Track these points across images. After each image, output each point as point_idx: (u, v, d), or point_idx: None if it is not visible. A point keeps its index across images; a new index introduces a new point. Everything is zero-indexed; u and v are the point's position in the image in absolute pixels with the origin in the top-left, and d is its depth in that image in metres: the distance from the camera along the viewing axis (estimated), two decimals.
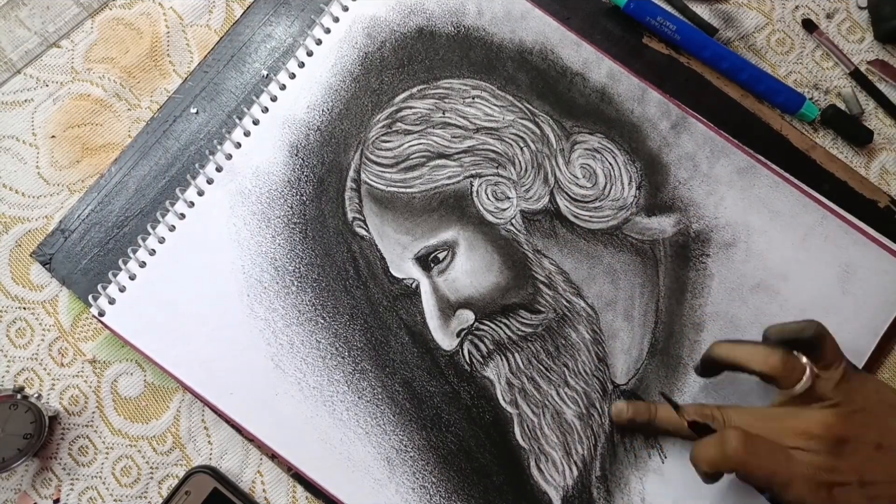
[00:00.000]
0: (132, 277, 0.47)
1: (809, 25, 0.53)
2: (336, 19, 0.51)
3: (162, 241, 0.48)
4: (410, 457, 0.46)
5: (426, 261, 0.48)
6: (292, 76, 0.50)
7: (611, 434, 0.47)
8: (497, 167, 0.49)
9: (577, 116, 0.50)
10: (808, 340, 0.42)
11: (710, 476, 0.41)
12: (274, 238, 0.48)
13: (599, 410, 0.47)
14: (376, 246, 0.48)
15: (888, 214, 0.50)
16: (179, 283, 0.47)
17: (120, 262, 0.48)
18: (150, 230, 0.48)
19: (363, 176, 0.49)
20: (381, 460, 0.46)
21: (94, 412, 0.47)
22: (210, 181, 0.48)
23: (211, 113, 0.50)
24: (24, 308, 0.48)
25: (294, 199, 0.49)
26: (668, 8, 0.53)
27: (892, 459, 0.41)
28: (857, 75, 0.52)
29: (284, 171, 0.49)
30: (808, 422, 0.41)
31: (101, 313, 0.47)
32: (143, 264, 0.47)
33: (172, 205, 0.48)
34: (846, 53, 0.53)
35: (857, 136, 0.51)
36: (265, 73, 0.51)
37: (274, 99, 0.49)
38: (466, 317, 0.48)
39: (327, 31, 0.50)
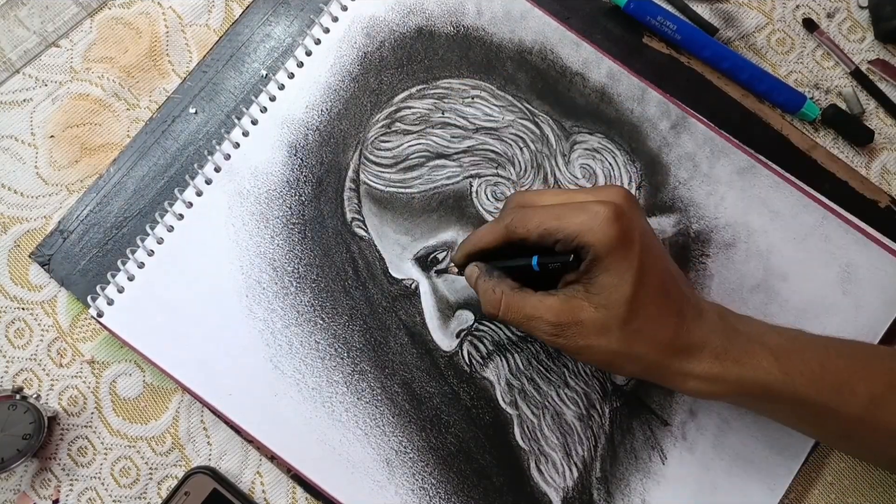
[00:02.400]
0: (131, 278, 0.47)
1: (810, 25, 0.53)
2: (335, 19, 0.50)
3: (160, 241, 0.48)
4: (410, 458, 0.46)
5: (426, 261, 0.48)
6: (291, 76, 0.50)
7: (611, 435, 0.47)
8: (496, 167, 0.49)
9: (577, 116, 0.50)
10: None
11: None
12: (273, 239, 0.48)
13: (600, 411, 0.47)
14: (375, 246, 0.48)
15: (889, 214, 0.50)
16: (178, 284, 0.47)
17: (118, 262, 0.47)
18: (149, 231, 0.48)
19: (362, 176, 0.49)
20: (380, 461, 0.46)
21: (92, 413, 0.47)
22: (208, 182, 0.48)
23: (210, 113, 0.50)
24: (23, 308, 0.48)
25: (293, 199, 0.48)
26: (669, 7, 0.53)
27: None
28: (857, 75, 0.52)
29: (283, 172, 0.49)
30: None
31: (100, 314, 0.47)
32: (141, 265, 0.47)
33: (171, 205, 0.48)
34: (847, 53, 0.52)
35: (858, 135, 0.51)
36: (264, 72, 0.50)
37: (273, 99, 0.49)
38: (466, 317, 0.48)
39: (326, 30, 0.50)
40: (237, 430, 0.47)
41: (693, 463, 0.47)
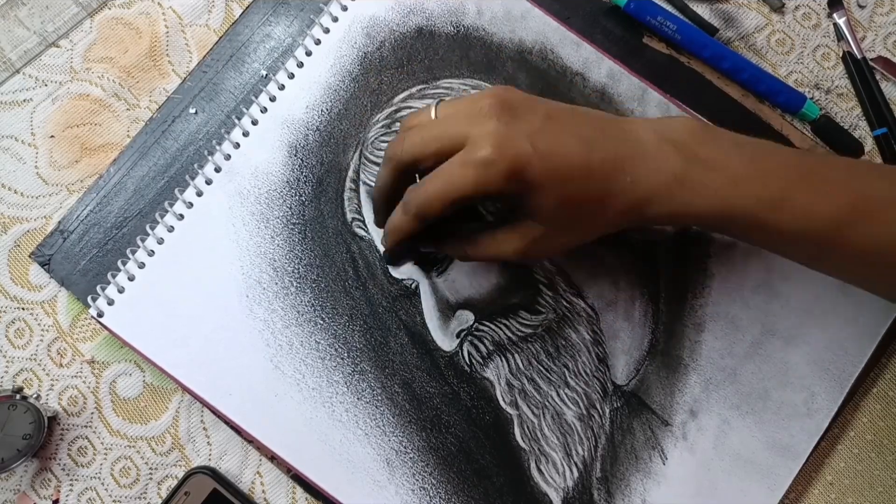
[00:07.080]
0: (131, 278, 0.47)
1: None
2: (335, 19, 0.50)
3: (161, 241, 0.48)
4: (410, 458, 0.46)
5: (426, 261, 0.48)
6: (291, 76, 0.50)
7: (611, 435, 0.47)
8: None
9: None
10: None
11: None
12: (273, 239, 0.48)
13: (600, 411, 0.47)
14: (375, 246, 0.48)
15: None
16: (178, 284, 0.47)
17: (119, 262, 0.47)
18: (149, 231, 0.48)
19: (362, 176, 0.49)
20: (380, 462, 0.46)
21: (92, 413, 0.47)
22: (209, 182, 0.48)
23: (210, 113, 0.50)
24: (23, 308, 0.48)
25: (293, 199, 0.48)
26: (669, 7, 0.53)
27: None
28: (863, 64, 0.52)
29: (283, 172, 0.49)
30: None
31: (100, 314, 0.47)
32: (141, 265, 0.47)
33: (171, 206, 0.48)
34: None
35: (848, 147, 0.51)
36: (264, 73, 0.50)
37: (273, 99, 0.49)
38: (466, 317, 0.48)
39: (326, 30, 0.50)
40: (237, 430, 0.47)
41: (693, 463, 0.47)
